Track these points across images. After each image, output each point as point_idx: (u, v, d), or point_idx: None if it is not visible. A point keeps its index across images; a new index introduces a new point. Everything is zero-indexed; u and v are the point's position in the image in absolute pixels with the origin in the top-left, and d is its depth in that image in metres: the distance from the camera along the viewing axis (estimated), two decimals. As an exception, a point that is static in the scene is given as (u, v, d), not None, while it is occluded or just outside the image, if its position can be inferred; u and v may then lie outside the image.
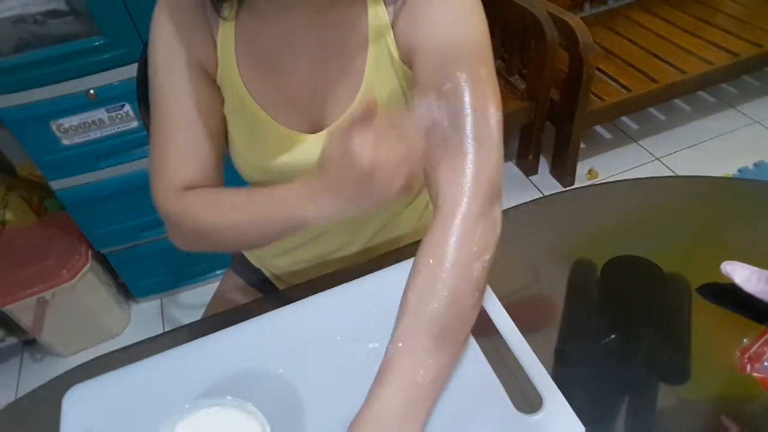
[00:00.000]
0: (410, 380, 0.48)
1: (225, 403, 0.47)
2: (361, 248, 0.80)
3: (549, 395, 0.53)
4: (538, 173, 1.99)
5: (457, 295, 0.50)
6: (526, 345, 0.57)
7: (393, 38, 0.59)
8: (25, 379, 1.59)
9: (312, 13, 0.59)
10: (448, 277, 0.50)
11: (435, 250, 0.52)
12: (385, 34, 0.59)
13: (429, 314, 0.50)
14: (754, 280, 0.60)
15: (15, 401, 0.62)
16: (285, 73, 0.62)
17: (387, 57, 0.60)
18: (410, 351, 0.49)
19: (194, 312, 0.91)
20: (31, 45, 1.16)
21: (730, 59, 1.88)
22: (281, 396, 0.55)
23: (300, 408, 0.54)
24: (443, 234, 0.51)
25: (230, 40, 0.60)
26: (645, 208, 0.77)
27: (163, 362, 0.59)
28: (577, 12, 2.12)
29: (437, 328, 0.50)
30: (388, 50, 0.60)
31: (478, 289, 0.52)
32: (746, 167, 1.91)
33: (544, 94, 1.76)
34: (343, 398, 0.50)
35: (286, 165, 0.65)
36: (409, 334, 0.50)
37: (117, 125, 1.30)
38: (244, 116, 0.64)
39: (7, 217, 1.57)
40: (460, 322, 0.51)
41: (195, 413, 0.46)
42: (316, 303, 0.63)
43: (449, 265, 0.51)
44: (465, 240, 0.51)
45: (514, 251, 0.73)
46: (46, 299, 1.43)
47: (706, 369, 0.58)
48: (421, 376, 0.48)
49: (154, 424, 0.44)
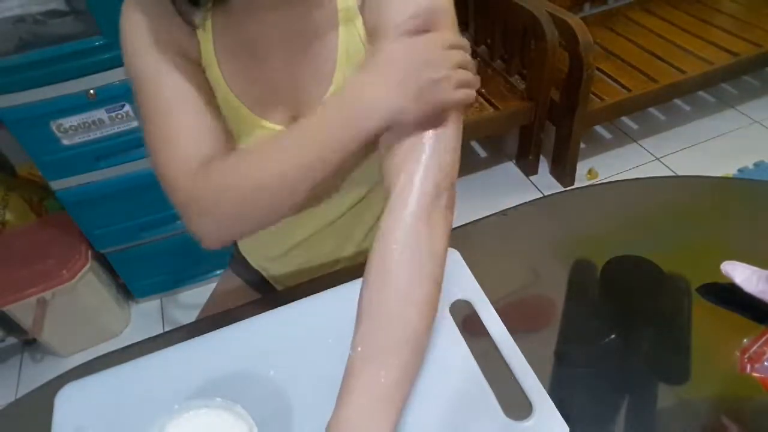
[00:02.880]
0: (373, 382, 0.47)
1: (214, 405, 0.47)
2: (353, 252, 0.80)
3: (539, 402, 0.53)
4: (538, 173, 1.99)
5: (414, 293, 0.49)
6: (518, 350, 0.57)
7: (362, 23, 0.59)
8: (25, 379, 1.59)
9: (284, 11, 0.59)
10: (403, 277, 0.50)
11: (387, 249, 0.51)
12: (353, 19, 0.59)
13: (385, 314, 0.49)
14: (754, 280, 0.60)
15: (14, 401, 0.62)
16: (262, 68, 0.62)
17: (358, 43, 0.60)
18: (370, 354, 0.48)
19: (194, 312, 0.91)
20: (31, 45, 1.16)
21: (730, 59, 1.88)
22: (271, 398, 0.55)
23: (289, 410, 0.54)
24: (395, 230, 0.51)
25: (209, 41, 0.60)
26: (645, 208, 0.77)
27: (155, 362, 0.59)
28: (577, 12, 2.13)
29: (395, 327, 0.49)
30: (359, 35, 0.60)
31: (435, 284, 0.51)
32: (746, 167, 1.91)
33: (544, 94, 1.76)
34: (332, 402, 0.49)
35: None
36: (367, 338, 0.49)
37: (117, 125, 1.30)
38: (228, 112, 0.63)
39: (7, 217, 1.58)
40: (418, 318, 0.50)
41: (184, 414, 0.46)
42: (307, 305, 0.63)
43: (403, 266, 0.50)
44: (418, 238, 0.50)
45: (514, 251, 0.73)
46: (46, 299, 1.43)
47: (706, 369, 0.57)
48: (384, 377, 0.47)
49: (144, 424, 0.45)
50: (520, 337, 0.58)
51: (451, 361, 0.56)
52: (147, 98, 0.57)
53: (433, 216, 0.52)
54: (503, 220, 0.77)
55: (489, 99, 1.81)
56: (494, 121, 1.79)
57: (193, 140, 0.56)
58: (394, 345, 0.49)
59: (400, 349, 0.49)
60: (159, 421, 0.46)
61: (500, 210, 0.77)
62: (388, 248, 0.51)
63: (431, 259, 0.51)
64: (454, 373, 0.55)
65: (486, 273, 0.65)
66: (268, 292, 0.89)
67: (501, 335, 0.58)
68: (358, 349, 0.49)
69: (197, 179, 0.54)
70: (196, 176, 0.54)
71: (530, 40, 1.72)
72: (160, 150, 0.56)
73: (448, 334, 0.59)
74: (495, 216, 0.77)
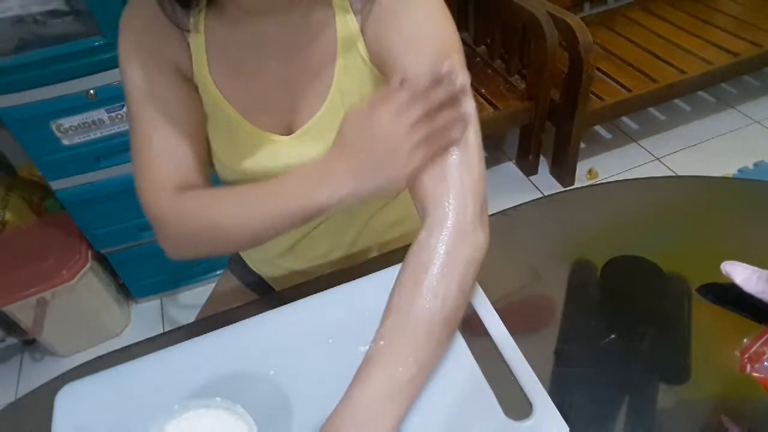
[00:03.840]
0: (389, 375, 0.48)
1: (214, 405, 0.47)
2: (345, 254, 0.80)
3: (539, 402, 0.53)
4: (538, 173, 1.99)
5: (444, 297, 0.50)
6: (518, 350, 0.57)
7: (363, 44, 0.60)
8: (25, 379, 1.59)
9: (278, 17, 0.59)
10: (435, 280, 0.50)
11: (423, 254, 0.52)
12: (356, 42, 0.60)
13: (414, 314, 0.50)
14: (754, 280, 0.60)
15: (14, 401, 0.62)
16: (255, 77, 0.63)
17: (359, 61, 0.61)
18: (392, 348, 0.49)
19: (194, 312, 0.91)
20: (31, 45, 1.16)
21: (730, 59, 1.88)
22: (271, 398, 0.55)
23: (289, 410, 0.54)
24: (433, 239, 0.52)
25: (201, 45, 0.60)
26: (645, 208, 0.77)
27: (155, 362, 0.59)
28: (577, 12, 2.12)
29: (421, 327, 0.50)
30: (360, 55, 0.60)
31: (464, 294, 0.52)
32: (746, 167, 1.91)
33: (544, 94, 1.76)
34: (332, 401, 0.49)
35: (260, 167, 0.65)
36: (392, 333, 0.50)
37: (117, 125, 1.30)
38: (220, 119, 0.64)
39: (7, 217, 1.58)
40: (444, 324, 0.51)
41: (184, 414, 0.46)
42: (308, 305, 0.63)
43: (437, 269, 0.51)
44: (454, 246, 0.51)
45: (514, 251, 0.73)
46: (46, 299, 1.43)
47: (706, 369, 0.57)
48: (400, 373, 0.48)
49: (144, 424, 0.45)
50: (520, 337, 0.58)
51: (451, 361, 0.56)
52: (133, 118, 0.60)
53: (469, 228, 0.52)
54: (503, 220, 0.77)
55: (489, 99, 1.81)
56: (494, 121, 1.79)
57: (170, 164, 0.59)
58: (417, 344, 0.50)
59: (421, 348, 0.50)
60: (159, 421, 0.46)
61: (500, 210, 0.77)
62: (425, 253, 0.52)
63: (465, 268, 0.52)
64: (454, 372, 0.55)
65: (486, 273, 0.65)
66: (266, 293, 0.89)
67: (501, 335, 0.58)
68: (381, 343, 0.50)
69: (169, 201, 0.58)
70: (170, 198, 0.58)
71: (530, 40, 1.72)
72: (140, 170, 0.60)
73: (448, 334, 0.59)
74: (495, 216, 0.77)
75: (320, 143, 0.63)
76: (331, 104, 0.62)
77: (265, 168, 0.65)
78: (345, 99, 0.62)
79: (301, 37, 0.60)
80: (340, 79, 0.61)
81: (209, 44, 0.60)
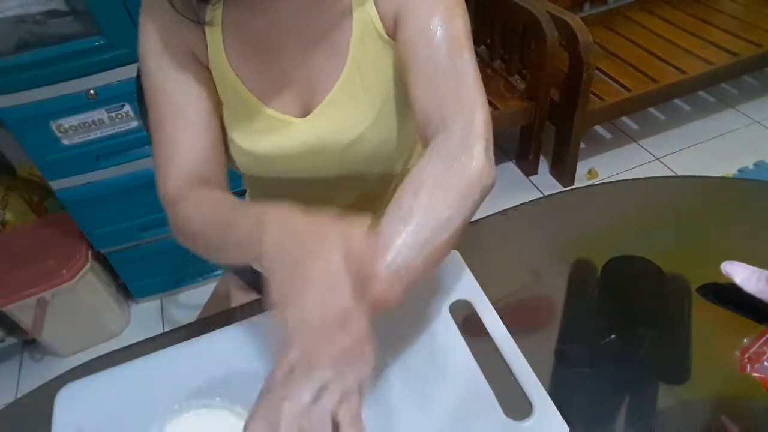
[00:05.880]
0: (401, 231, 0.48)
1: (214, 405, 0.47)
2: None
3: (539, 402, 0.53)
4: (538, 173, 1.99)
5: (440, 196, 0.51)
6: (518, 350, 0.57)
7: (376, 11, 0.60)
8: (25, 379, 1.59)
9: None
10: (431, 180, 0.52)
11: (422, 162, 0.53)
12: (364, 3, 0.60)
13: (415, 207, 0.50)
14: (754, 280, 0.60)
15: (14, 401, 0.62)
16: (274, 59, 0.63)
17: (373, 33, 0.61)
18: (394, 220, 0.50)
19: (194, 312, 0.91)
20: (31, 45, 1.16)
21: (730, 59, 1.88)
22: None
23: None
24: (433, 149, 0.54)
25: (218, 32, 0.61)
26: (645, 208, 0.77)
27: (155, 362, 0.59)
28: (577, 12, 2.12)
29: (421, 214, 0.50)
30: (373, 25, 0.61)
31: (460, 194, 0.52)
32: (746, 167, 1.91)
33: (544, 94, 1.76)
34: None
35: (275, 148, 0.66)
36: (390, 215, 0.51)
37: (117, 125, 1.30)
38: (236, 104, 0.65)
39: (7, 217, 1.58)
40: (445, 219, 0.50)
41: (184, 414, 0.47)
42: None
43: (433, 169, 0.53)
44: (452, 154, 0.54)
45: (514, 251, 0.73)
46: (46, 299, 1.43)
47: (706, 369, 0.57)
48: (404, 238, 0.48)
49: (144, 424, 0.45)
50: (520, 337, 0.58)
51: (451, 361, 0.56)
52: (153, 112, 0.62)
53: (471, 151, 0.56)
54: (503, 220, 0.77)
55: (489, 99, 1.81)
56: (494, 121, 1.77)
57: (188, 157, 0.61)
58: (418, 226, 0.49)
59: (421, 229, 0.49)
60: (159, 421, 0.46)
61: (500, 210, 0.77)
62: (425, 162, 0.53)
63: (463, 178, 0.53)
64: (454, 373, 0.55)
65: (486, 273, 0.65)
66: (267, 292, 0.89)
67: (501, 335, 0.58)
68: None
69: (179, 196, 0.59)
70: (181, 192, 0.59)
71: (530, 40, 1.72)
72: (160, 163, 0.62)
73: (448, 334, 0.59)
74: (495, 216, 0.77)
75: (335, 121, 0.64)
76: (347, 78, 0.63)
77: (282, 149, 0.66)
78: (360, 70, 0.62)
79: (316, 13, 0.61)
80: (355, 49, 0.62)
81: (226, 31, 0.61)
